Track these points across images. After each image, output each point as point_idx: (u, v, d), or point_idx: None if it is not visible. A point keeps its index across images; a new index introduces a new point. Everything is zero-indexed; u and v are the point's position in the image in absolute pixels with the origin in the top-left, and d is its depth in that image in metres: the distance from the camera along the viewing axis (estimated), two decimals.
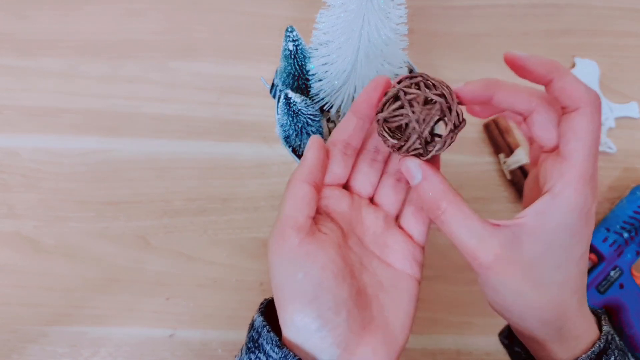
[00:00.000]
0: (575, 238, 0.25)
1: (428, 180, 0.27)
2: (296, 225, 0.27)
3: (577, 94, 0.25)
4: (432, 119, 0.26)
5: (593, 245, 0.52)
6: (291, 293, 0.27)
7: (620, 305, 0.50)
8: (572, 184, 0.24)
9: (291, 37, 0.40)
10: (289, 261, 0.27)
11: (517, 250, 0.25)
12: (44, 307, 0.52)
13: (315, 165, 0.29)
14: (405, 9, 0.37)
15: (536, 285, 0.26)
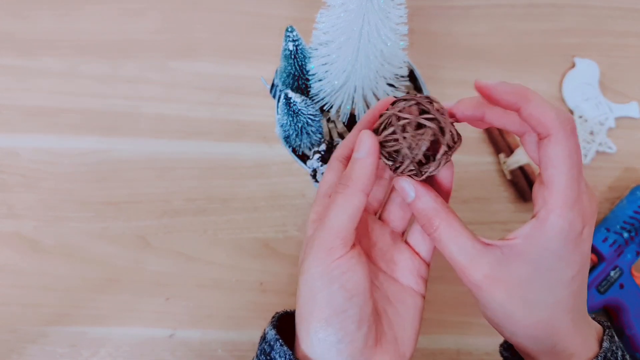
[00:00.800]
0: (562, 262, 0.26)
1: (420, 199, 0.28)
2: (346, 237, 0.27)
3: (546, 120, 0.25)
4: (423, 144, 0.27)
5: (593, 245, 0.52)
6: (321, 304, 0.26)
7: (620, 305, 0.50)
8: (555, 211, 0.25)
9: (291, 37, 0.40)
10: (330, 273, 0.26)
11: (505, 271, 0.26)
12: (44, 307, 0.52)
13: (373, 173, 0.28)
14: (405, 9, 0.37)
15: (524, 305, 0.26)
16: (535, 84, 0.59)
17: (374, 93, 0.43)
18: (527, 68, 0.59)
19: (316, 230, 0.27)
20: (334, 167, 0.31)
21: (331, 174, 0.30)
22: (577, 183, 0.25)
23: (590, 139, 0.57)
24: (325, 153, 0.44)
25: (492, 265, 0.26)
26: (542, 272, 0.26)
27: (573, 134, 0.25)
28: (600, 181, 0.56)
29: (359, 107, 0.44)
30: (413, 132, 0.27)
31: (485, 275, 0.26)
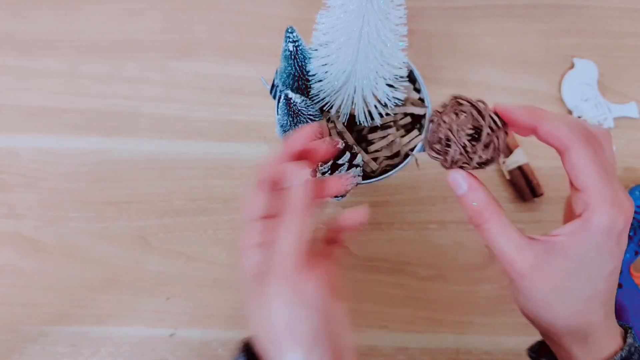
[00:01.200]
0: (604, 256, 0.28)
1: (473, 192, 0.29)
2: (306, 258, 0.28)
3: (560, 135, 0.27)
4: (465, 125, 0.28)
5: None
6: (302, 328, 0.28)
7: (619, 305, 0.51)
8: (599, 209, 0.27)
9: (291, 37, 0.41)
10: (302, 296, 0.28)
11: (549, 263, 0.28)
12: (45, 307, 0.52)
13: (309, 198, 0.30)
14: (404, 10, 0.37)
15: (564, 295, 0.28)
16: (535, 84, 0.59)
17: (374, 93, 0.43)
18: (526, 68, 0.60)
19: (274, 254, 0.28)
20: (259, 192, 0.30)
21: (258, 198, 0.30)
22: (610, 183, 0.27)
23: None
24: None
25: (537, 257, 0.28)
26: (584, 265, 0.28)
27: (588, 142, 0.27)
28: None
29: (358, 107, 0.44)
30: (452, 118, 0.28)
31: (530, 265, 0.28)
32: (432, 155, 0.30)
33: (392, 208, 0.55)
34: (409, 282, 0.53)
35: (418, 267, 0.54)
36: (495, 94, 0.59)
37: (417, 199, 0.55)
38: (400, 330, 0.52)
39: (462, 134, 0.28)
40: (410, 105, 0.48)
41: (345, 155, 0.44)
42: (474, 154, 0.28)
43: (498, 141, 0.28)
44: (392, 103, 0.44)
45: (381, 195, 0.55)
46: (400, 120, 0.49)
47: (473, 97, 0.29)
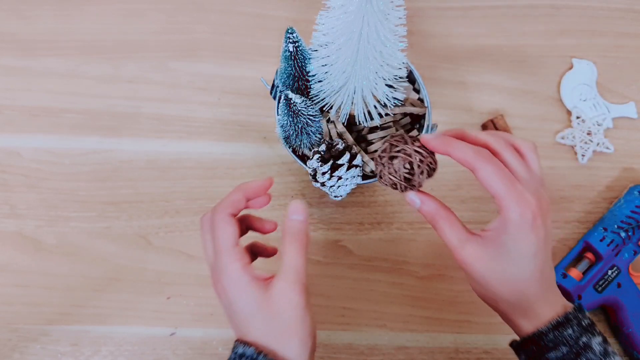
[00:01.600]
0: (522, 242, 0.34)
1: (425, 204, 0.38)
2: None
3: (466, 158, 0.35)
4: (401, 166, 0.37)
5: (591, 244, 0.52)
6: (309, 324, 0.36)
7: (618, 304, 0.51)
8: (506, 209, 0.34)
9: (291, 38, 0.41)
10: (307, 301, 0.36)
11: (483, 251, 0.36)
12: (46, 306, 0.52)
13: None
14: (404, 11, 0.37)
15: (498, 276, 0.36)
16: (534, 85, 0.59)
17: (373, 94, 0.43)
18: (525, 69, 0.60)
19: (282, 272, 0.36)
20: (232, 222, 0.37)
21: (231, 229, 0.37)
22: (513, 188, 0.34)
23: (588, 139, 0.57)
24: (324, 153, 0.44)
25: (475, 248, 0.36)
26: (507, 251, 0.35)
27: (490, 161, 0.34)
28: (598, 181, 0.57)
29: (358, 107, 0.44)
30: (390, 164, 0.38)
31: (469, 254, 0.36)
32: (385, 186, 0.40)
33: (392, 208, 0.55)
34: (408, 282, 0.54)
35: (417, 267, 0.54)
36: (495, 94, 0.59)
37: None
38: (400, 330, 0.52)
39: (401, 173, 0.37)
40: (409, 105, 0.48)
41: (345, 156, 0.44)
42: (415, 181, 0.38)
43: (430, 164, 0.38)
44: (391, 103, 0.45)
45: (381, 195, 0.55)
46: (400, 120, 0.49)
47: (404, 135, 0.38)
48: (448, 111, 0.58)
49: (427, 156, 0.38)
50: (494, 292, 0.36)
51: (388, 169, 0.38)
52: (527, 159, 0.37)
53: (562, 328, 0.35)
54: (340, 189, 0.45)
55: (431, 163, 0.38)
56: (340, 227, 0.55)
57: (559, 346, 0.35)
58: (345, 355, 0.51)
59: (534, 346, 0.36)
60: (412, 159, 0.38)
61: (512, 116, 0.58)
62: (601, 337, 0.36)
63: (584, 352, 0.35)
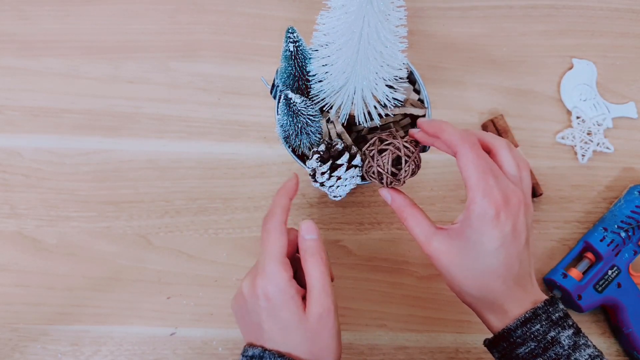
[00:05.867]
0: (483, 237, 0.35)
1: (395, 200, 0.41)
2: None
3: (452, 141, 0.36)
4: (388, 159, 0.39)
5: (591, 244, 0.52)
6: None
7: (618, 304, 0.51)
8: (472, 202, 0.35)
9: (292, 38, 0.41)
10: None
11: (447, 245, 0.37)
12: (46, 306, 0.52)
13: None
14: (404, 11, 0.37)
15: (463, 269, 0.37)
16: (534, 85, 0.59)
17: (373, 94, 0.43)
18: (525, 69, 0.60)
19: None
20: (284, 233, 0.39)
21: (284, 240, 0.39)
22: (484, 181, 0.35)
23: (588, 139, 0.57)
24: (324, 153, 0.44)
25: (440, 242, 0.37)
26: (470, 245, 0.36)
27: (473, 147, 0.35)
28: (598, 181, 0.57)
29: (358, 108, 0.44)
30: (378, 157, 0.40)
31: (435, 248, 0.37)
32: (371, 179, 0.42)
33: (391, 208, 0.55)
34: (408, 282, 0.54)
35: (418, 267, 0.54)
36: (495, 94, 0.59)
37: (417, 199, 0.55)
38: (400, 330, 0.52)
39: (388, 166, 0.39)
40: (409, 106, 0.48)
41: (344, 156, 0.44)
42: (400, 175, 0.39)
43: (416, 161, 0.40)
44: (391, 104, 0.45)
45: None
46: (400, 121, 0.49)
47: (393, 131, 0.40)
48: (448, 111, 0.58)
49: (414, 152, 0.39)
50: (460, 286, 0.37)
51: (377, 161, 0.40)
52: (499, 156, 0.37)
53: (530, 324, 0.36)
54: (339, 189, 0.45)
55: (417, 160, 0.40)
56: (340, 227, 0.55)
57: (527, 342, 0.36)
58: (346, 355, 0.52)
59: (504, 343, 0.37)
60: (400, 153, 0.39)
61: (512, 116, 0.58)
62: (572, 329, 0.36)
63: (552, 346, 0.35)
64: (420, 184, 0.56)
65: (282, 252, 0.38)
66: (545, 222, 0.55)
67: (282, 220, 0.39)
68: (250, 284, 0.38)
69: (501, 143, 0.38)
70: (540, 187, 0.55)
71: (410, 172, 0.40)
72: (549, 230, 0.55)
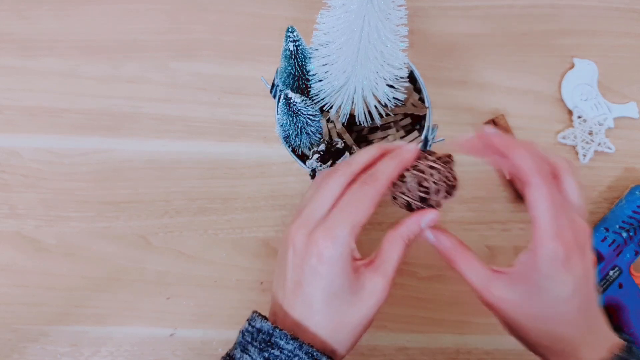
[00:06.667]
0: (555, 282, 0.31)
1: (440, 242, 0.36)
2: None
3: (524, 169, 0.32)
4: (414, 187, 0.35)
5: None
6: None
7: (619, 304, 0.51)
8: (540, 243, 0.31)
9: (292, 37, 0.41)
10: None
11: (510, 292, 0.33)
12: (45, 306, 0.52)
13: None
14: (405, 10, 0.37)
15: (530, 318, 0.33)
16: (535, 84, 0.59)
17: (374, 94, 0.43)
18: (526, 68, 0.60)
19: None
20: (376, 201, 0.34)
21: (373, 207, 0.34)
22: (556, 220, 0.31)
23: (589, 139, 0.57)
24: (324, 153, 0.44)
25: (501, 289, 0.33)
26: (539, 291, 0.32)
27: (546, 180, 0.31)
28: (599, 181, 0.57)
29: (358, 107, 0.44)
30: (400, 181, 0.35)
31: (496, 297, 0.33)
32: (401, 208, 0.37)
33: (392, 208, 0.55)
34: (409, 282, 0.53)
35: (418, 267, 0.54)
36: (496, 94, 0.59)
37: None
38: (400, 331, 0.52)
39: (415, 192, 0.35)
40: (410, 105, 0.48)
41: (345, 156, 0.44)
42: (432, 201, 0.35)
43: (448, 180, 0.35)
44: (392, 103, 0.44)
45: None
46: (401, 120, 0.49)
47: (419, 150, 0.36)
48: (449, 111, 0.58)
49: (444, 171, 0.34)
50: (527, 335, 0.34)
51: (400, 188, 0.35)
52: (564, 183, 0.34)
53: None
54: None
55: (449, 179, 0.35)
56: None
57: None
58: (346, 356, 0.51)
59: None
60: (425, 175, 0.34)
61: (513, 116, 0.58)
62: None
63: None
64: None
65: (363, 222, 0.33)
66: None
67: (383, 192, 0.34)
68: (307, 237, 0.33)
69: (565, 166, 0.34)
70: None
71: (442, 194, 0.35)
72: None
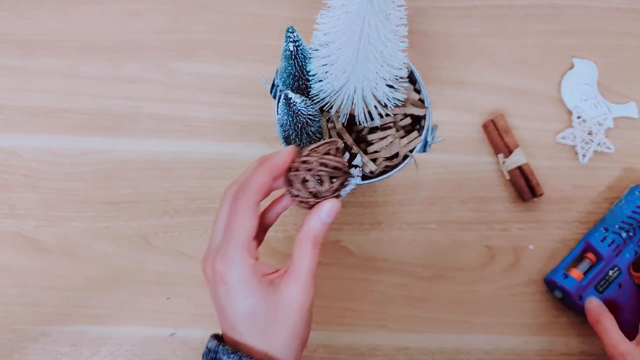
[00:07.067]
0: None
1: (590, 302, 0.50)
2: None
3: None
4: (300, 184, 0.35)
5: (592, 244, 0.52)
6: None
7: (618, 304, 0.51)
8: None
9: (292, 37, 0.41)
10: None
11: None
12: (45, 306, 0.52)
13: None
14: (405, 11, 0.37)
15: None
16: (534, 85, 0.59)
17: (374, 94, 0.43)
18: (526, 68, 0.60)
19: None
20: (255, 213, 0.35)
21: (253, 222, 0.35)
22: None
23: (589, 139, 0.57)
24: None
25: (636, 344, 0.45)
26: None
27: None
28: (599, 181, 0.57)
29: (358, 108, 0.44)
30: (290, 187, 0.36)
31: (628, 350, 0.45)
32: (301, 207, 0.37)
33: (392, 208, 0.55)
34: (409, 282, 0.53)
35: (418, 267, 0.54)
36: (496, 94, 0.59)
37: (417, 199, 0.55)
38: (400, 330, 0.52)
39: (304, 192, 0.35)
40: (410, 106, 0.48)
41: (345, 156, 0.44)
42: (325, 193, 0.35)
43: (335, 167, 0.35)
44: (392, 104, 0.44)
45: (381, 195, 0.55)
46: (400, 121, 0.49)
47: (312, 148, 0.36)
48: (449, 111, 0.58)
49: (331, 160, 0.35)
50: None
51: (292, 191, 0.36)
52: None
53: None
54: None
55: (337, 167, 0.35)
56: (340, 227, 0.54)
57: None
58: (346, 356, 0.51)
59: None
60: (300, 172, 0.35)
61: (512, 116, 0.58)
62: None
63: None
64: (420, 184, 0.56)
65: (249, 235, 0.34)
66: (545, 223, 0.55)
67: (257, 201, 0.35)
68: (211, 268, 0.34)
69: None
70: (540, 188, 0.55)
71: (336, 183, 0.35)
72: (549, 230, 0.55)
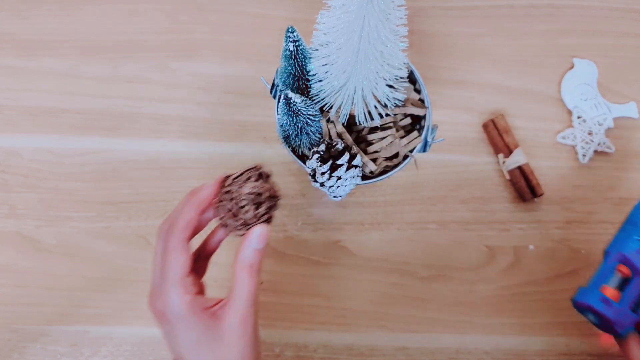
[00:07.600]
0: None
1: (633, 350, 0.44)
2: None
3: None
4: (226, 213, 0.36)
5: (625, 256, 0.43)
6: None
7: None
8: None
9: (292, 37, 0.41)
10: None
11: None
12: (45, 306, 0.52)
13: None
14: (405, 10, 0.37)
15: None
16: (535, 84, 0.59)
17: (374, 94, 0.43)
18: (526, 69, 0.60)
19: None
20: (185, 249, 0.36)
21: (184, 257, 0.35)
22: None
23: (589, 139, 0.57)
24: (324, 153, 0.44)
25: None
26: None
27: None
28: (599, 181, 0.57)
29: (358, 107, 0.44)
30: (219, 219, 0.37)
31: None
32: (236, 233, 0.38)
33: (392, 208, 0.55)
34: (408, 282, 0.53)
35: (418, 267, 0.54)
36: (496, 94, 0.59)
37: (417, 199, 0.55)
38: (400, 330, 0.52)
39: (231, 221, 0.36)
40: (410, 106, 0.48)
41: (345, 156, 0.44)
42: (251, 220, 0.36)
43: (258, 193, 0.35)
44: (392, 104, 0.44)
45: (381, 195, 0.55)
46: (400, 121, 0.49)
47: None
48: (449, 111, 0.58)
49: (255, 187, 0.35)
50: None
51: (223, 223, 0.37)
52: None
53: None
54: (339, 189, 0.45)
55: (260, 193, 0.35)
56: (340, 227, 0.54)
57: None
58: (346, 356, 0.51)
59: None
60: (224, 202, 0.36)
61: (512, 116, 0.58)
62: None
63: None
64: (420, 184, 0.56)
65: (183, 272, 0.35)
66: (546, 223, 0.55)
67: (185, 238, 0.35)
68: (153, 307, 0.35)
69: None
70: (540, 188, 0.55)
71: (261, 208, 0.36)
72: (549, 230, 0.55)
